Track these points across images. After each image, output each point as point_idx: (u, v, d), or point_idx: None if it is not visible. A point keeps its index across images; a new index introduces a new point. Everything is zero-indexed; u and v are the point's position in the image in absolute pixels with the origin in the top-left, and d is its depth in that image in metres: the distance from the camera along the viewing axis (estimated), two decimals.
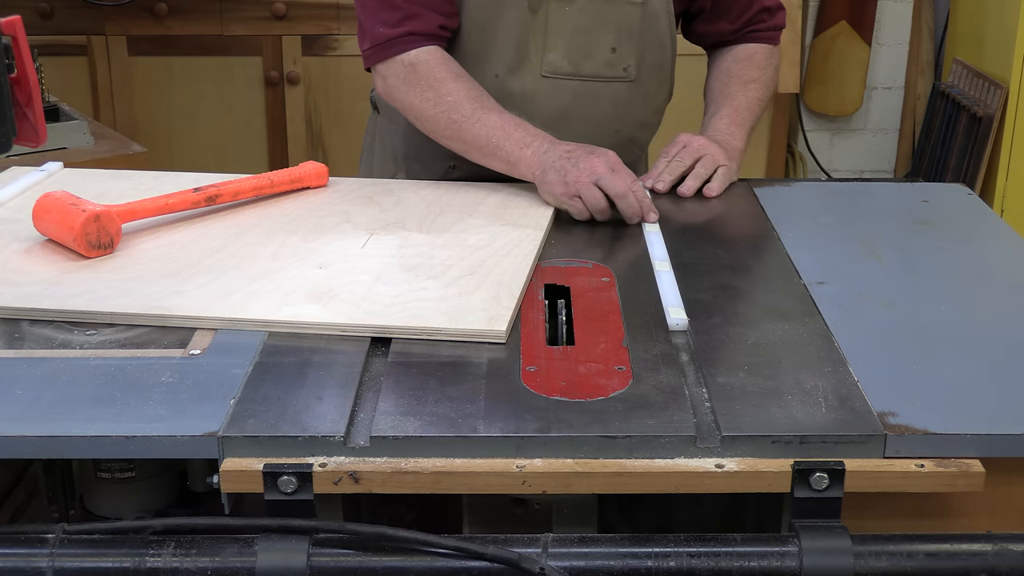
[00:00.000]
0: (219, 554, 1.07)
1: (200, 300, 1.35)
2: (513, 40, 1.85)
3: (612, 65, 1.88)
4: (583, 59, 1.87)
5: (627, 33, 1.87)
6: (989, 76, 3.63)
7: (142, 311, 1.33)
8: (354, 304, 1.34)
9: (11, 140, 1.59)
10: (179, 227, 1.58)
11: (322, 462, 1.09)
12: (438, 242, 1.53)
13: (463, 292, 1.37)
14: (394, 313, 1.32)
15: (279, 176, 1.72)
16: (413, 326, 1.29)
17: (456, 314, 1.32)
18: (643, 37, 1.88)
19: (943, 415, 1.14)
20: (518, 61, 1.86)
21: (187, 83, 3.84)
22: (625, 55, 1.88)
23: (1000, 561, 1.08)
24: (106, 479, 1.32)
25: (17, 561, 1.07)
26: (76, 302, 1.35)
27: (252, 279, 1.41)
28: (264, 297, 1.36)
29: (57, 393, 1.17)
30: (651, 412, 1.14)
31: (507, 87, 1.86)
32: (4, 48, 1.52)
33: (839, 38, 4.09)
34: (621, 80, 1.90)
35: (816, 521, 1.09)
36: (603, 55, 1.87)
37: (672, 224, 1.66)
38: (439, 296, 1.36)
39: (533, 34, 1.84)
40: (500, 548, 1.05)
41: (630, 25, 1.86)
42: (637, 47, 1.88)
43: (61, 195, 1.54)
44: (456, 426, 1.12)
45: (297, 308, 1.33)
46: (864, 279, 1.47)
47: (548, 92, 1.88)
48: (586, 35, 1.86)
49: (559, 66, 1.87)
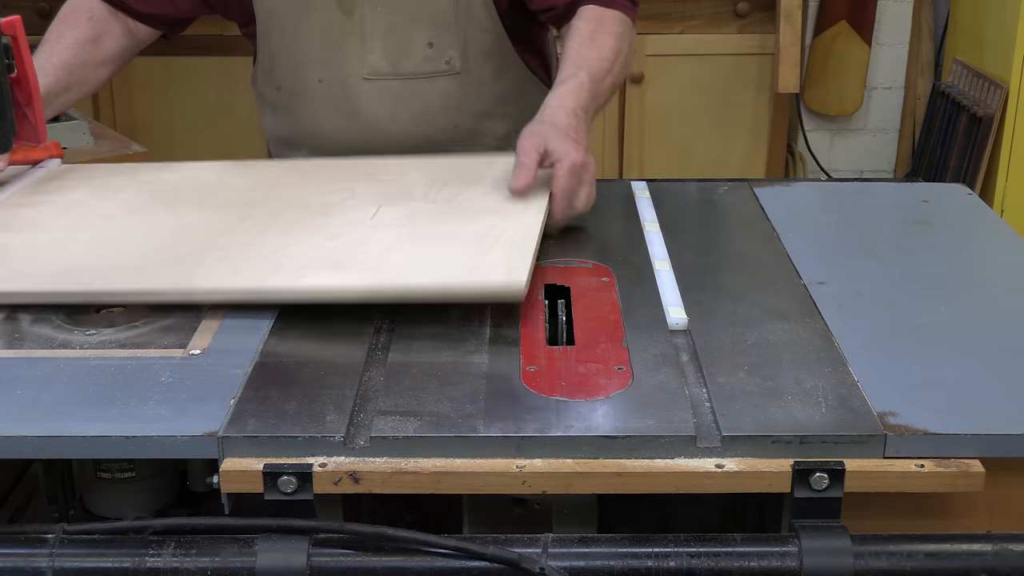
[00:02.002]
0: (219, 554, 1.07)
1: (219, 275, 1.36)
2: (328, 44, 1.84)
3: (432, 60, 1.85)
4: (400, 58, 1.85)
5: (442, 25, 1.83)
6: (989, 76, 3.63)
7: (166, 287, 1.34)
8: (371, 270, 1.36)
9: (11, 140, 1.59)
10: (184, 212, 1.58)
11: (322, 462, 1.09)
12: (446, 210, 1.54)
13: (476, 253, 1.38)
14: (411, 277, 1.34)
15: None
16: (432, 286, 1.31)
17: (473, 272, 1.33)
18: (461, 27, 1.84)
19: (943, 415, 1.14)
20: (338, 65, 1.85)
21: (187, 83, 3.84)
22: (444, 48, 1.85)
23: (1000, 561, 1.08)
24: (106, 479, 1.32)
25: (17, 561, 1.07)
26: (99, 283, 1.36)
27: (266, 254, 1.42)
28: (281, 270, 1.37)
29: (57, 393, 1.17)
30: (651, 412, 1.14)
31: (332, 91, 1.86)
32: (4, 48, 1.53)
33: (839, 38, 4.10)
34: (445, 74, 1.87)
35: (816, 521, 1.09)
36: (420, 51, 1.85)
37: (672, 224, 1.66)
38: (453, 259, 1.38)
39: (351, 37, 1.83)
40: (500, 548, 1.05)
41: (444, 17, 1.83)
42: (457, 39, 1.84)
43: None
44: (456, 426, 1.12)
45: (316, 277, 1.34)
46: (864, 279, 1.47)
47: (372, 94, 1.86)
48: (400, 33, 1.83)
49: (379, 67, 1.85)
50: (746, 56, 3.97)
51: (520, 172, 1.51)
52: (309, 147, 1.94)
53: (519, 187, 1.51)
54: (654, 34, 3.86)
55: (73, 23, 1.86)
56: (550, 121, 1.57)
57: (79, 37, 1.85)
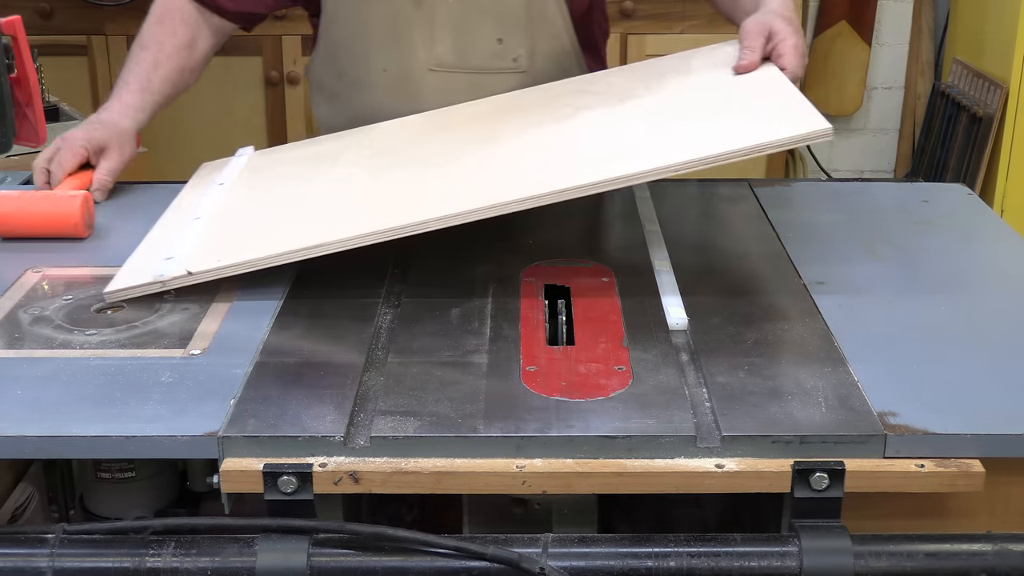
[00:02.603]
0: (219, 554, 1.07)
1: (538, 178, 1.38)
2: (395, 35, 1.84)
3: (500, 56, 1.85)
4: (468, 51, 1.85)
5: (513, 23, 1.84)
6: (989, 76, 3.63)
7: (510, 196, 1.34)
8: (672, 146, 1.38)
9: (11, 140, 1.59)
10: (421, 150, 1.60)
11: (322, 462, 1.09)
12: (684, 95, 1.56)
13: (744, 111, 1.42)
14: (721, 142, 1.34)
15: None
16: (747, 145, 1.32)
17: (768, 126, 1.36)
18: (532, 27, 1.84)
19: (943, 415, 1.13)
20: (405, 56, 1.85)
21: None
22: (513, 46, 1.85)
23: (1000, 561, 1.08)
24: (106, 479, 1.32)
25: (17, 561, 1.07)
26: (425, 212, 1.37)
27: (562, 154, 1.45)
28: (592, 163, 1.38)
29: (57, 393, 1.17)
30: (651, 412, 1.14)
31: (396, 81, 1.86)
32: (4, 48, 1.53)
33: (839, 38, 4.09)
34: (512, 72, 1.86)
35: (816, 521, 1.09)
36: (489, 47, 1.85)
37: (672, 224, 1.66)
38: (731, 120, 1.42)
39: (419, 28, 1.84)
40: (500, 548, 1.05)
41: (515, 15, 1.83)
42: (526, 37, 1.85)
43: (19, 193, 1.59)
44: (456, 426, 1.12)
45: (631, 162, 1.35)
46: (864, 279, 1.47)
47: (437, 86, 1.86)
48: (470, 27, 1.83)
49: (445, 59, 1.85)
50: None
51: (746, 52, 1.59)
52: None
53: (746, 64, 1.59)
54: (654, 34, 3.86)
55: (170, 28, 1.85)
56: (775, 11, 1.65)
57: (178, 44, 1.84)
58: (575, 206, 1.40)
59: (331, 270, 1.45)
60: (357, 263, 1.45)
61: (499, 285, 1.44)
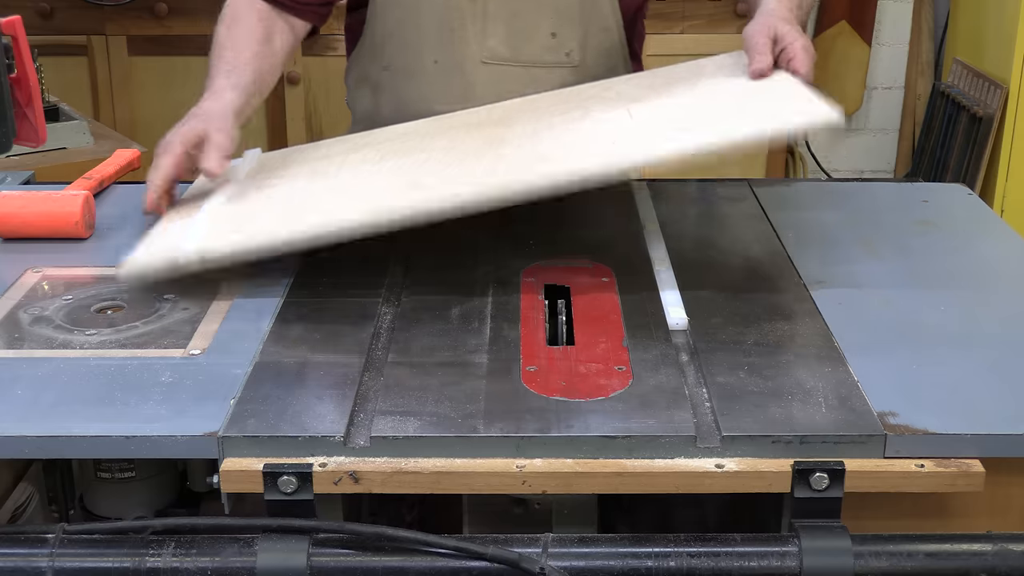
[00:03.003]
0: (219, 554, 1.07)
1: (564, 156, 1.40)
2: (448, 26, 1.84)
3: (553, 50, 1.86)
4: (522, 44, 1.85)
5: (567, 18, 1.84)
6: (989, 76, 3.63)
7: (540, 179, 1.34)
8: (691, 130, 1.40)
9: (11, 140, 1.59)
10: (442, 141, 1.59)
11: (322, 462, 1.09)
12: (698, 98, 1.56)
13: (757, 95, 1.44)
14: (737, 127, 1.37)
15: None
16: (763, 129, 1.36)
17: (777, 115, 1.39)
18: (584, 21, 1.85)
19: (943, 415, 1.14)
20: (457, 48, 1.85)
21: (187, 83, 3.83)
22: (566, 40, 1.85)
23: (1000, 561, 1.08)
24: (106, 479, 1.32)
25: (17, 561, 1.07)
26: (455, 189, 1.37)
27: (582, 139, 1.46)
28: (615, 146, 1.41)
29: (57, 393, 1.17)
30: (651, 412, 1.14)
31: (447, 73, 1.86)
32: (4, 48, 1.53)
33: (839, 38, 4.09)
34: (563, 66, 1.87)
35: (816, 521, 1.09)
36: (542, 40, 1.85)
37: (672, 224, 1.66)
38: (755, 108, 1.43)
39: (472, 20, 1.84)
40: (500, 548, 1.05)
41: (569, 10, 1.84)
42: (579, 32, 1.85)
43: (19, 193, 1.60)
44: (456, 426, 1.12)
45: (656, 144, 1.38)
46: (864, 279, 1.47)
47: (488, 78, 1.86)
48: (524, 20, 1.83)
49: (498, 52, 1.85)
50: None
51: (758, 57, 1.56)
52: None
53: (761, 68, 1.55)
54: (654, 34, 3.84)
55: (247, 26, 1.79)
56: (775, 14, 1.64)
57: (258, 38, 1.79)
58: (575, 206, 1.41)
59: (331, 270, 1.46)
60: (357, 263, 1.45)
61: (499, 285, 1.44)
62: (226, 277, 1.42)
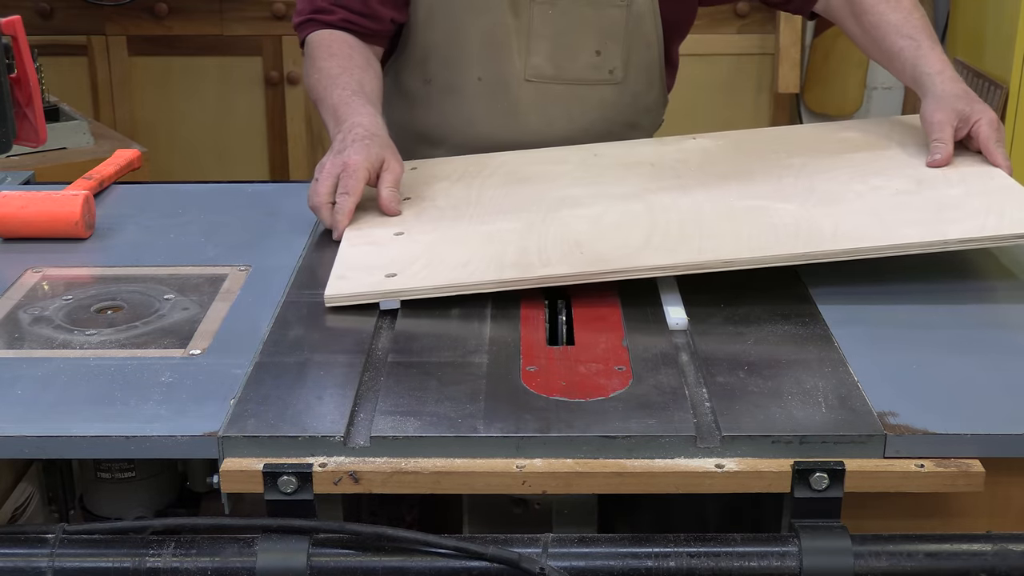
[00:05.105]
0: (219, 554, 1.07)
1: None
2: (493, 44, 1.84)
3: (597, 68, 1.87)
4: (566, 63, 1.86)
5: (612, 36, 1.85)
6: (989, 76, 3.63)
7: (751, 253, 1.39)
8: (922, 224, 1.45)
9: (11, 140, 1.59)
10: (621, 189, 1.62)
11: (322, 462, 1.09)
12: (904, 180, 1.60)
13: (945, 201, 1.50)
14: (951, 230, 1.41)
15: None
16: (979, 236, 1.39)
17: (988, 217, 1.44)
18: (628, 39, 1.86)
19: (943, 415, 1.14)
20: (500, 64, 1.85)
21: (187, 83, 3.84)
22: (610, 58, 1.87)
23: (1000, 561, 1.08)
24: (106, 479, 1.32)
25: (17, 561, 1.07)
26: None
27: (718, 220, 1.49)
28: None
29: (57, 393, 1.17)
30: (651, 412, 1.14)
31: (491, 90, 1.86)
32: (4, 48, 1.53)
33: (839, 38, 4.09)
34: (607, 83, 1.88)
35: (816, 521, 1.09)
36: (587, 58, 1.86)
37: None
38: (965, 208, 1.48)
39: (517, 38, 1.84)
40: (500, 548, 1.05)
41: (615, 28, 1.85)
42: (622, 50, 1.86)
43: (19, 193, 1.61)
44: (456, 426, 1.12)
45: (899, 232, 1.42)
46: (864, 279, 1.46)
47: (532, 96, 1.87)
48: (569, 38, 1.84)
49: (542, 70, 1.86)
50: (746, 56, 3.97)
51: (941, 147, 1.63)
52: (452, 144, 1.91)
53: (942, 160, 1.62)
54: None
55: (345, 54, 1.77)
56: (951, 92, 1.67)
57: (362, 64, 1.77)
58: None
59: (330, 270, 1.45)
60: None
61: None
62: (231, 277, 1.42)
